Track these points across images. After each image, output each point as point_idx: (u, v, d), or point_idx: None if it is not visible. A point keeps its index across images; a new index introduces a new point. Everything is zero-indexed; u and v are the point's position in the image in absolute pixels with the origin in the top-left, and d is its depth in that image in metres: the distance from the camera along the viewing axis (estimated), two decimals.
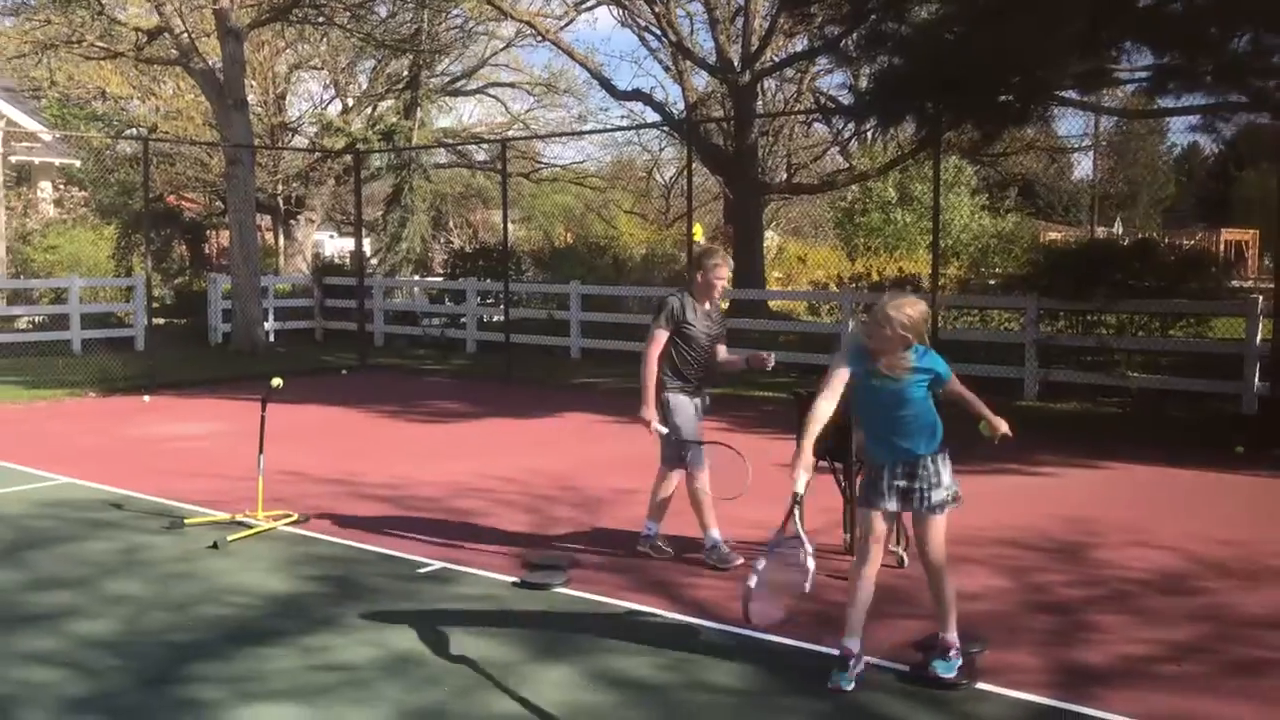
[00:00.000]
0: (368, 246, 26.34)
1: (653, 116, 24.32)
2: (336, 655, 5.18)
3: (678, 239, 26.37)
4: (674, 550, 6.76)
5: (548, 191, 35.42)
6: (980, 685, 4.77)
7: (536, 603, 5.94)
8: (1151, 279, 13.21)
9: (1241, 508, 8.13)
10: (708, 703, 4.66)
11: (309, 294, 22.50)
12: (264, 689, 4.81)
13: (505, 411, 12.81)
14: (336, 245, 39.84)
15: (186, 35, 19.60)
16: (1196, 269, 13.89)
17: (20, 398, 13.78)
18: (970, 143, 17.42)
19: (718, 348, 6.69)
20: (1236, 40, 11.20)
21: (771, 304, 19.55)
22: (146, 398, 13.88)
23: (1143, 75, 11.79)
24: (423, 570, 6.53)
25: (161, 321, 19.84)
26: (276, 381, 7.80)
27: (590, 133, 37.05)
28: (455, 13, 26.55)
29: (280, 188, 28.88)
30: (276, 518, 7.57)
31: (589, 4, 23.89)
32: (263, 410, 7.72)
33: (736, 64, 19.00)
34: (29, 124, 21.22)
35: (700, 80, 23.77)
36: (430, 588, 6.23)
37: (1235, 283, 19.84)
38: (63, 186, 25.75)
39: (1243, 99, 11.57)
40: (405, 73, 27.44)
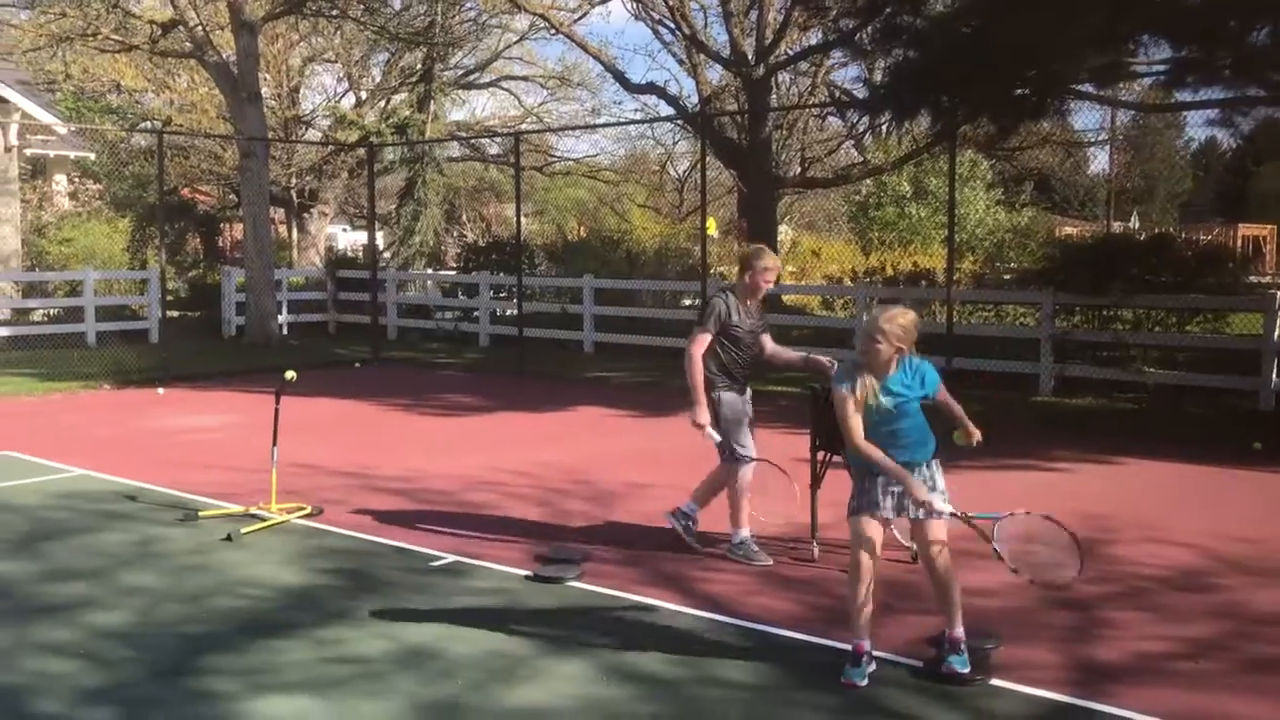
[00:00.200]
0: (381, 240, 26.39)
1: (666, 110, 24.29)
2: (350, 648, 5.19)
3: (691, 233, 26.32)
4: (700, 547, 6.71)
5: (561, 185, 35.42)
6: (995, 681, 4.75)
7: (550, 596, 5.94)
8: (1168, 274, 13.14)
9: (1258, 504, 8.07)
10: (721, 697, 4.65)
11: (322, 287, 22.54)
12: (277, 681, 4.82)
13: (518, 405, 12.81)
14: (350, 239, 39.90)
15: (201, 28, 19.64)
16: (1213, 264, 13.81)
17: (36, 390, 13.85)
18: (986, 137, 17.34)
19: (763, 340, 6.73)
20: (1256, 33, 11.10)
21: (785, 298, 19.50)
22: (161, 390, 13.93)
23: (1160, 69, 11.70)
24: (436, 563, 6.54)
25: (175, 314, 19.91)
26: (290, 374, 7.82)
27: (604, 126, 37.13)
28: (469, 6, 26.58)
29: (294, 181, 28.94)
30: (290, 510, 7.59)
31: None
32: (276, 403, 7.74)
33: (751, 57, 18.94)
34: (44, 117, 21.28)
35: (714, 74, 23.71)
36: (443, 581, 6.23)
37: (1253, 278, 19.72)
38: (78, 179, 25.84)
39: (1262, 93, 11.47)
40: (419, 66, 27.43)
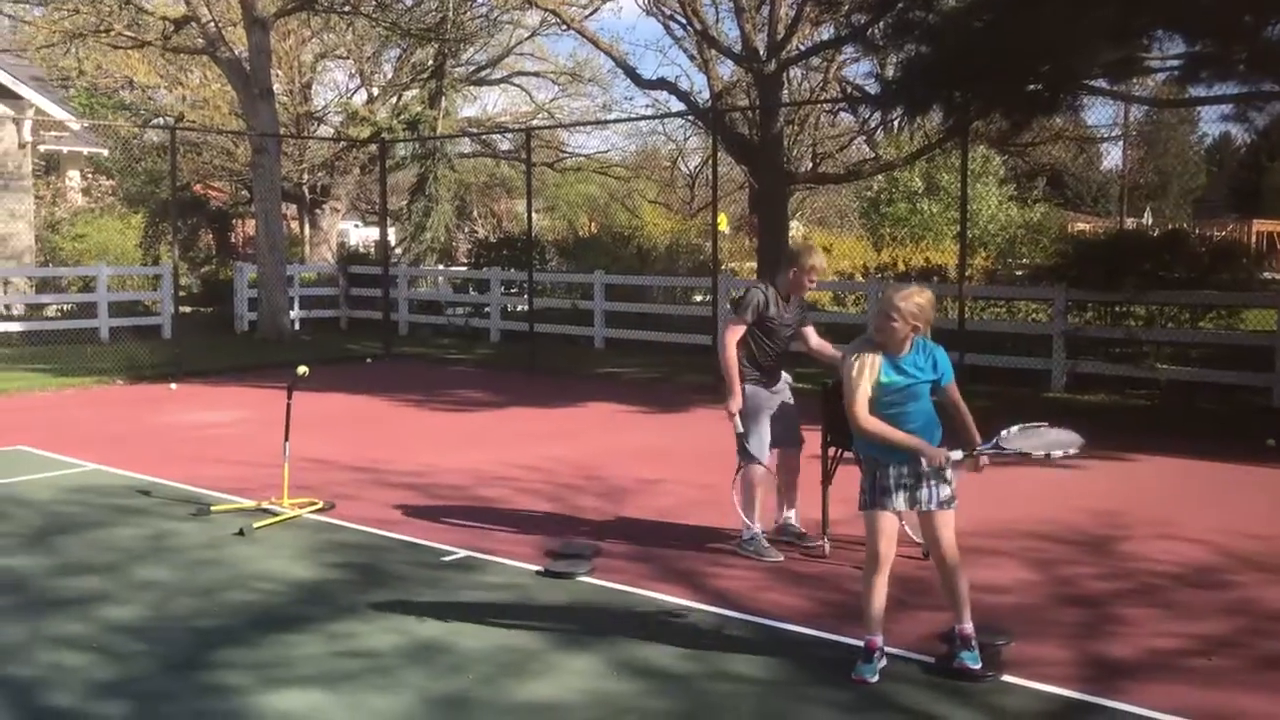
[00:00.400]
0: (392, 236, 26.41)
1: (677, 105, 24.19)
2: (361, 642, 5.20)
3: (702, 229, 26.32)
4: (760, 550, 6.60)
5: (572, 181, 35.39)
6: (1006, 678, 4.73)
7: (560, 592, 5.94)
8: (1181, 270, 13.09)
9: (1271, 502, 8.03)
10: (731, 692, 4.65)
11: (334, 283, 22.59)
12: (289, 675, 4.83)
13: (529, 401, 12.82)
14: (361, 234, 39.98)
15: (213, 24, 19.70)
16: (1227, 260, 13.76)
17: (49, 385, 13.91)
18: (998, 132, 17.26)
19: (807, 333, 6.73)
20: (1271, 28, 11.04)
21: None
22: (173, 385, 13.98)
23: (1174, 64, 11.64)
24: (447, 558, 6.55)
25: (188, 310, 20.00)
26: (302, 370, 7.84)
27: (615, 122, 37.03)
28: (480, 2, 26.53)
29: (306, 177, 28.98)
30: (302, 505, 7.61)
31: None
32: (288, 398, 7.76)
33: (762, 53, 18.86)
34: (57, 113, 21.35)
35: (725, 69, 23.61)
36: (454, 576, 6.24)
37: (1267, 274, 19.61)
38: (91, 175, 25.95)
39: (1276, 88, 11.40)
40: (430, 62, 27.43)
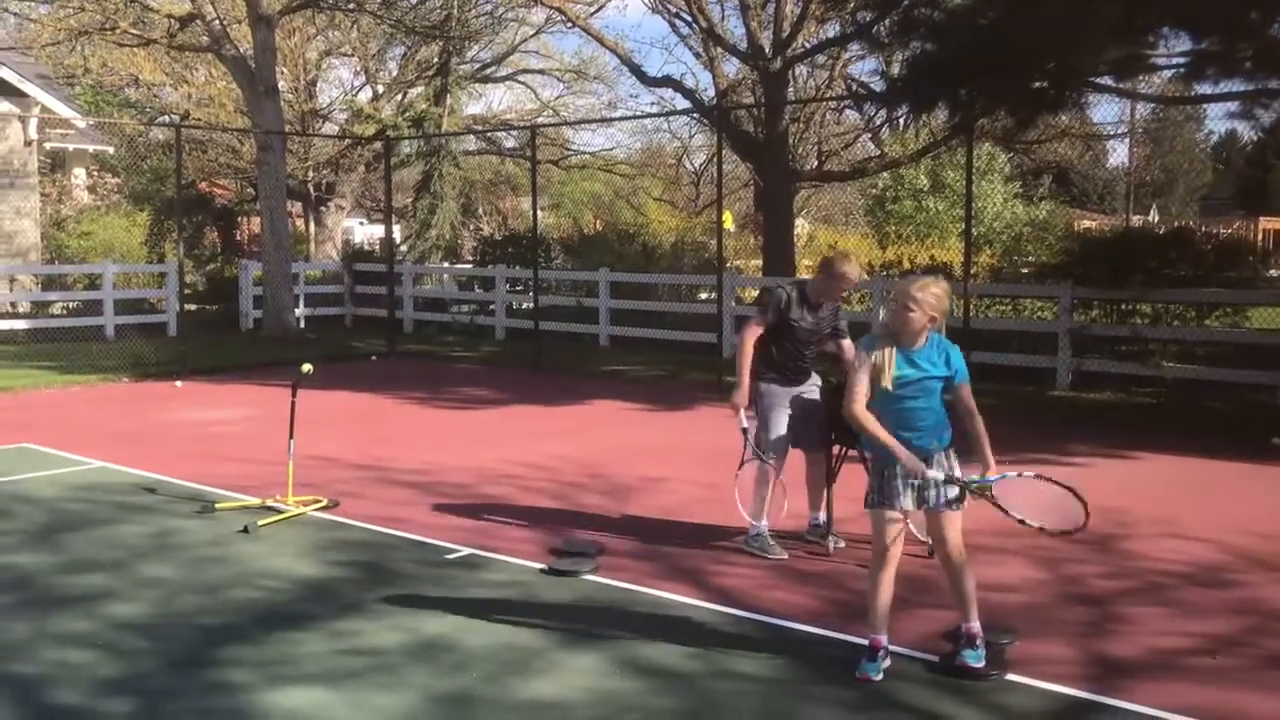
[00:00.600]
0: (397, 233, 26.44)
1: (683, 103, 24.17)
2: (365, 640, 5.20)
3: (707, 226, 26.31)
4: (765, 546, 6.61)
5: (577, 178, 35.39)
6: (1011, 676, 4.73)
7: (564, 590, 5.94)
8: (1187, 268, 13.05)
9: (1278, 500, 8.01)
10: (735, 691, 4.65)
11: (339, 280, 22.60)
12: (293, 672, 4.84)
13: (534, 398, 12.82)
14: (366, 232, 40.00)
15: (218, 22, 19.70)
16: (1233, 258, 13.72)
17: (55, 382, 13.93)
18: (1004, 130, 17.23)
19: (844, 345, 6.66)
20: (1277, 25, 11.01)
21: None
22: (178, 383, 14.00)
23: (1180, 61, 11.61)
24: (451, 556, 6.55)
25: (193, 307, 19.99)
26: (307, 367, 7.84)
27: (620, 119, 37.01)
28: None
29: (311, 174, 29.01)
30: (306, 503, 7.61)
31: None
32: (293, 396, 7.76)
33: (768, 50, 18.84)
34: (63, 111, 21.37)
35: (731, 67, 23.59)
36: (458, 574, 6.24)
37: (1273, 272, 19.55)
38: (96, 173, 26.00)
39: None
40: (435, 59, 27.45)
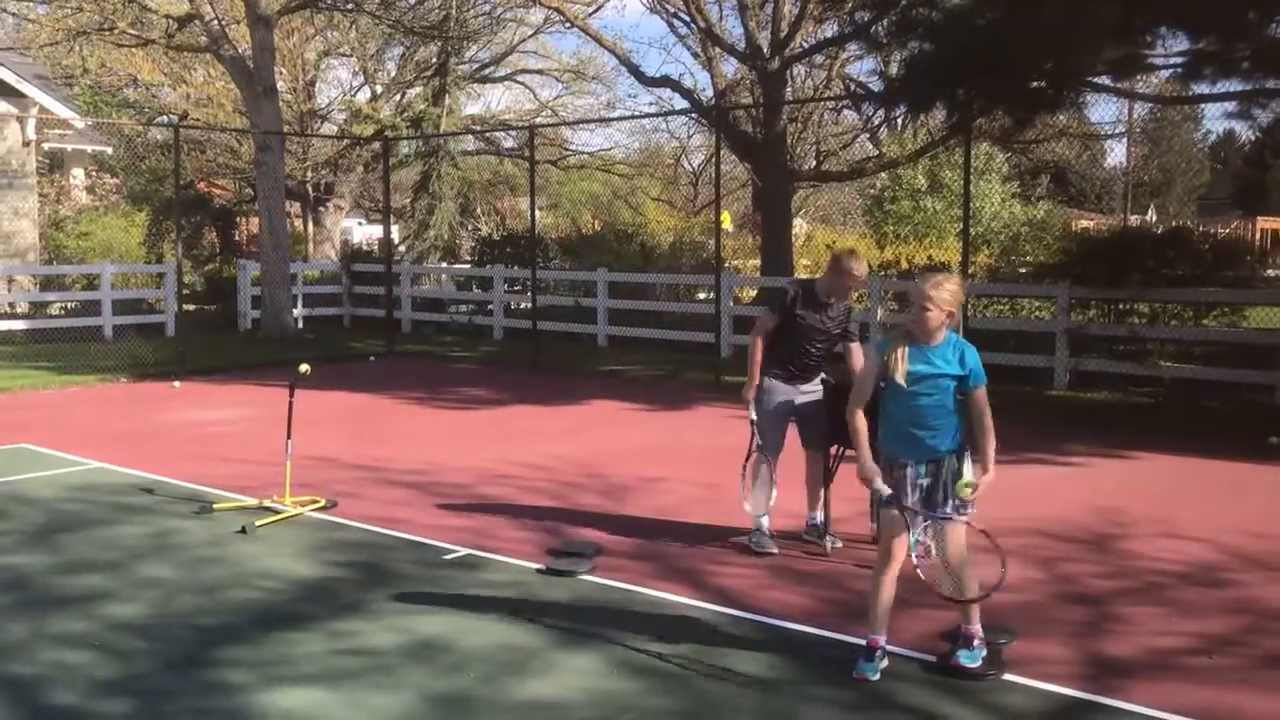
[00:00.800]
0: (396, 233, 26.43)
1: (681, 103, 24.18)
2: (362, 640, 5.20)
3: (705, 226, 26.29)
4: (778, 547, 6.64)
5: (575, 179, 35.38)
6: (1008, 676, 4.73)
7: (562, 590, 5.94)
8: (1185, 267, 13.05)
9: (1274, 500, 8.02)
10: (732, 691, 4.65)
11: (337, 281, 22.60)
12: (291, 673, 4.84)
13: (532, 399, 12.83)
14: (365, 232, 40.01)
15: (216, 22, 19.70)
16: (1231, 257, 13.72)
17: (53, 383, 13.92)
18: (1001, 129, 17.23)
19: (851, 348, 6.66)
20: (1275, 25, 11.02)
21: None
22: (177, 383, 13.99)
23: (1178, 61, 11.62)
24: (449, 556, 6.55)
25: (192, 308, 19.98)
26: (304, 368, 7.85)
27: (618, 119, 37.04)
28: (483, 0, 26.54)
29: (309, 175, 28.99)
30: (304, 503, 7.62)
31: None
32: (291, 396, 7.76)
33: (766, 50, 18.84)
34: (62, 111, 21.36)
35: (729, 67, 23.59)
36: (456, 574, 6.25)
37: (1271, 272, 19.56)
38: (95, 173, 25.98)
39: None
40: (434, 59, 27.45)
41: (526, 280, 18.89)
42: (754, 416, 6.67)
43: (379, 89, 30.98)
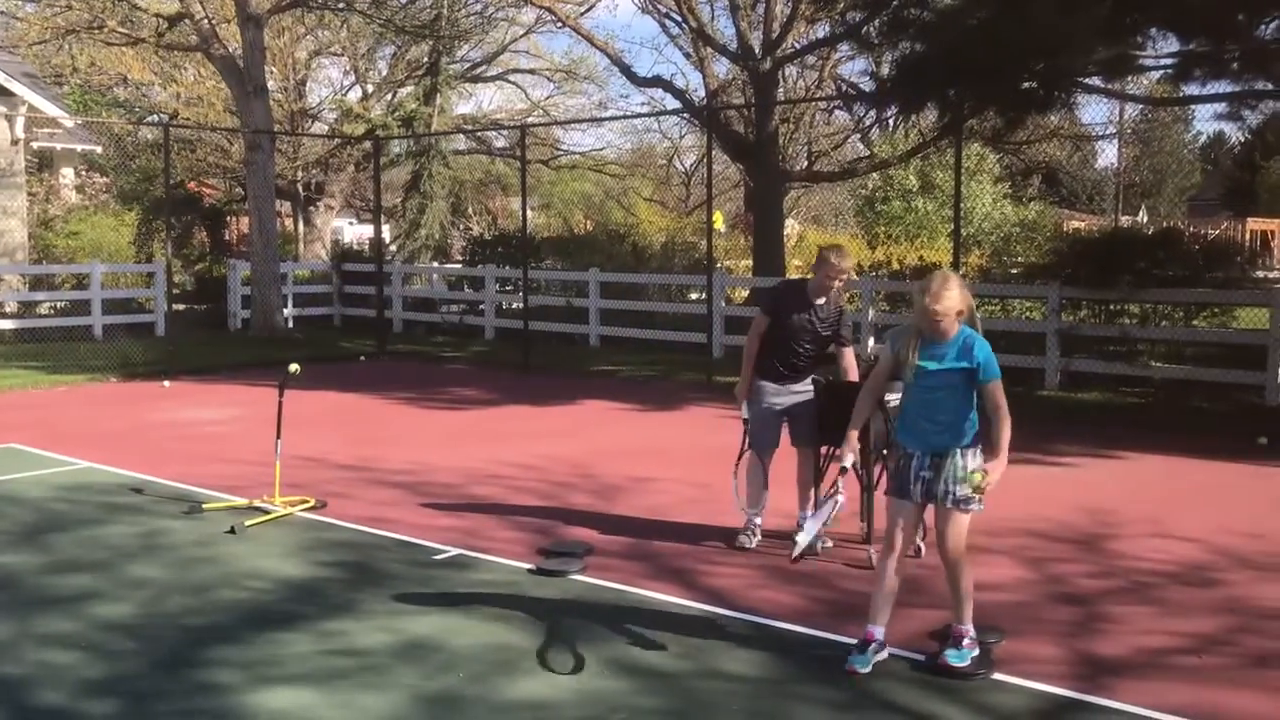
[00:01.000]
0: (387, 233, 26.37)
1: (673, 103, 24.19)
2: (352, 640, 5.19)
3: (697, 227, 26.29)
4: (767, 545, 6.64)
5: (567, 179, 35.37)
6: (997, 675, 4.74)
7: (553, 590, 5.94)
8: (1175, 268, 13.08)
9: (1264, 499, 8.05)
10: (723, 690, 4.65)
11: (328, 280, 22.56)
12: (280, 673, 4.82)
13: (523, 398, 12.82)
14: (355, 232, 39.91)
15: (207, 21, 19.65)
16: (1221, 258, 13.76)
17: (42, 383, 13.87)
18: (993, 130, 17.27)
19: (843, 352, 6.67)
20: (1264, 26, 11.07)
21: None
22: (166, 383, 13.95)
23: (1168, 62, 11.66)
24: (439, 556, 6.54)
25: (182, 307, 19.95)
26: (294, 367, 7.83)
27: (610, 119, 37.06)
28: None
29: (300, 174, 28.95)
30: (294, 503, 7.60)
31: None
32: (281, 396, 7.75)
33: (757, 51, 18.87)
34: (51, 110, 21.25)
35: (721, 67, 23.63)
36: (446, 574, 6.24)
37: (1260, 273, 19.62)
38: (84, 173, 25.87)
39: (1270, 86, 11.42)
40: (425, 59, 27.41)
41: (518, 280, 18.86)
42: (746, 416, 6.73)
43: (370, 88, 30.95)
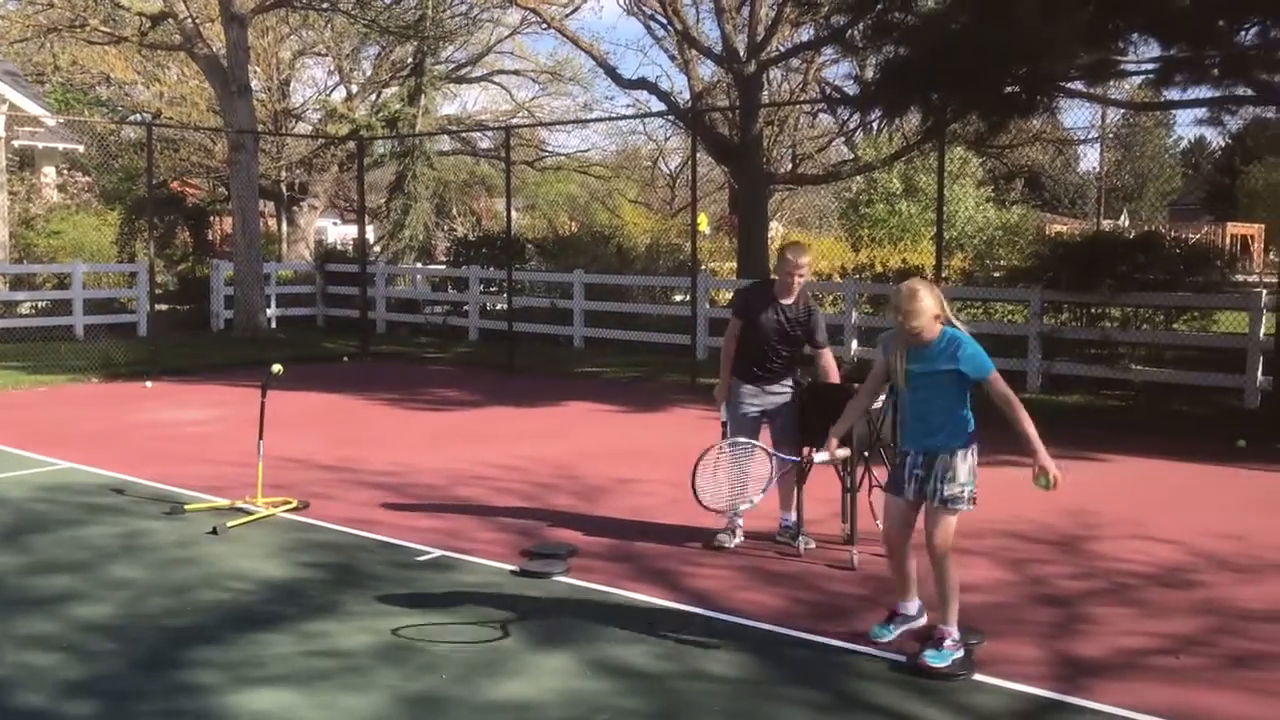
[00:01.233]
0: (371, 234, 26.31)
1: (658, 105, 24.21)
2: (334, 641, 5.18)
3: (682, 229, 26.33)
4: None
5: (552, 180, 35.37)
6: (977, 676, 4.76)
7: (535, 591, 5.94)
8: (1156, 272, 13.17)
9: (1243, 501, 8.11)
10: (704, 691, 4.66)
11: (311, 281, 22.48)
12: (262, 674, 4.81)
13: (507, 400, 12.81)
14: (339, 232, 39.79)
15: (190, 21, 19.57)
16: (1201, 263, 13.85)
17: (23, 383, 13.79)
18: (976, 134, 17.34)
19: (821, 353, 6.70)
20: (1244, 33, 11.15)
21: None
22: (148, 383, 13.88)
23: (1150, 67, 11.73)
24: (422, 558, 6.53)
25: (164, 307, 19.84)
26: (277, 368, 7.80)
27: (595, 121, 37.08)
28: (460, 0, 26.49)
29: (284, 174, 28.86)
30: (276, 504, 7.58)
31: None
32: (263, 397, 7.72)
33: (742, 53, 18.90)
34: (32, 108, 21.15)
35: (706, 69, 23.69)
36: (429, 575, 6.23)
37: (1240, 277, 19.77)
38: (66, 171, 25.73)
39: (1249, 92, 11.51)
40: (410, 60, 27.37)
41: (502, 281, 18.85)
42: (724, 419, 6.77)
43: (354, 88, 30.88)
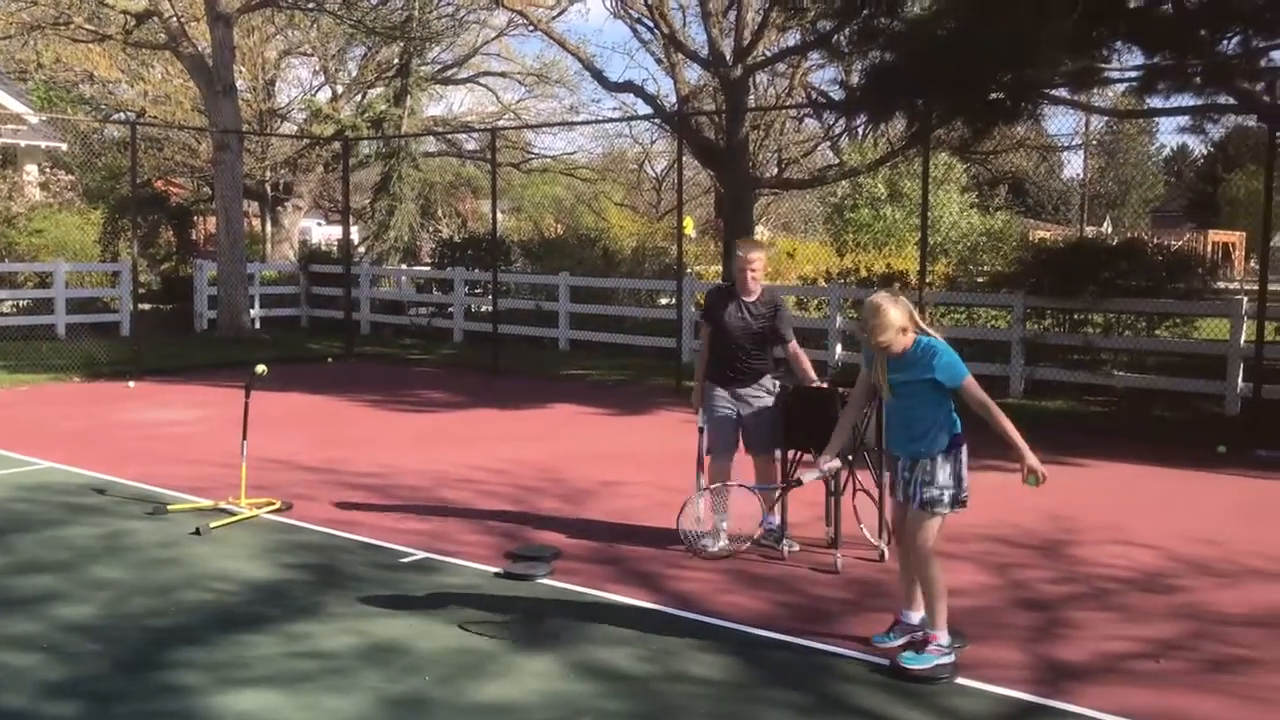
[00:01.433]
0: (355, 234, 26.25)
1: (644, 109, 24.23)
2: (317, 643, 5.17)
3: (668, 232, 26.35)
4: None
5: (538, 182, 35.37)
6: (959, 680, 4.79)
7: (519, 593, 5.93)
8: (1139, 279, 13.24)
9: (1223, 507, 8.17)
10: (688, 693, 4.67)
11: (295, 281, 22.41)
12: (244, 675, 4.80)
13: (491, 402, 12.79)
14: (324, 233, 39.69)
15: (175, 19, 19.50)
16: (1183, 269, 13.94)
17: (3, 382, 13.71)
18: (960, 140, 17.43)
19: (789, 348, 6.72)
20: (1226, 42, 11.25)
21: None
22: (131, 383, 13.82)
23: (1133, 75, 11.83)
24: (405, 559, 6.52)
25: (147, 307, 19.76)
26: (260, 369, 7.79)
27: (581, 124, 37.09)
28: (446, 1, 26.47)
29: (268, 174, 28.77)
30: (259, 505, 7.55)
31: None
32: (247, 397, 7.70)
33: (729, 58, 18.94)
34: (15, 106, 21.05)
35: (692, 73, 23.76)
36: (413, 577, 6.22)
37: (1221, 284, 19.90)
38: (49, 170, 25.58)
39: (1231, 100, 11.61)
40: (396, 60, 27.33)
41: (487, 283, 18.82)
42: (701, 424, 6.79)
43: (340, 89, 30.82)
